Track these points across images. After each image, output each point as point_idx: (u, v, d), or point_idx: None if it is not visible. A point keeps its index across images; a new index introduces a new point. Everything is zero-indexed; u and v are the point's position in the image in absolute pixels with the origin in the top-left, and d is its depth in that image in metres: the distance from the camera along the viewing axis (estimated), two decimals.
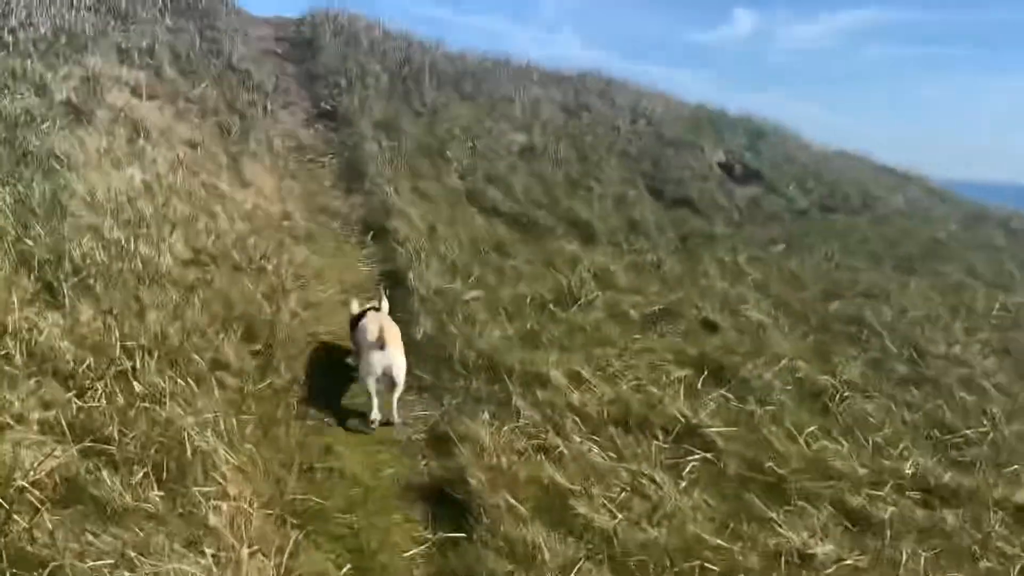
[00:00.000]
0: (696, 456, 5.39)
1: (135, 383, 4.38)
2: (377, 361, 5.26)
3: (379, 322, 5.49)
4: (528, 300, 7.67)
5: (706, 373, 6.80)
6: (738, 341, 7.60)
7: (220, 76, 10.56)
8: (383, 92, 12.18)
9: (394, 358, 5.32)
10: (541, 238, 9.54)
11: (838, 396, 6.79)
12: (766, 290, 9.48)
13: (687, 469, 5.23)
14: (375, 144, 10.32)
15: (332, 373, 5.72)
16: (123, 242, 5.66)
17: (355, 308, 6.06)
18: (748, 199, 13.06)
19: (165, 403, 4.28)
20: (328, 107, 11.40)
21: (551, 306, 7.65)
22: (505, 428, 5.24)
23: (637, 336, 7.42)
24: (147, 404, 4.32)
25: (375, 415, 5.21)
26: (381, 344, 5.27)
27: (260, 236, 7.17)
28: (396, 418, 5.33)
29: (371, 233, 8.53)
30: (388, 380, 5.30)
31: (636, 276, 9.00)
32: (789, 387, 6.82)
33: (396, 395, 5.36)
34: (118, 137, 7.76)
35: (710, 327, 7.90)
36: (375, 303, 6.08)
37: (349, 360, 5.88)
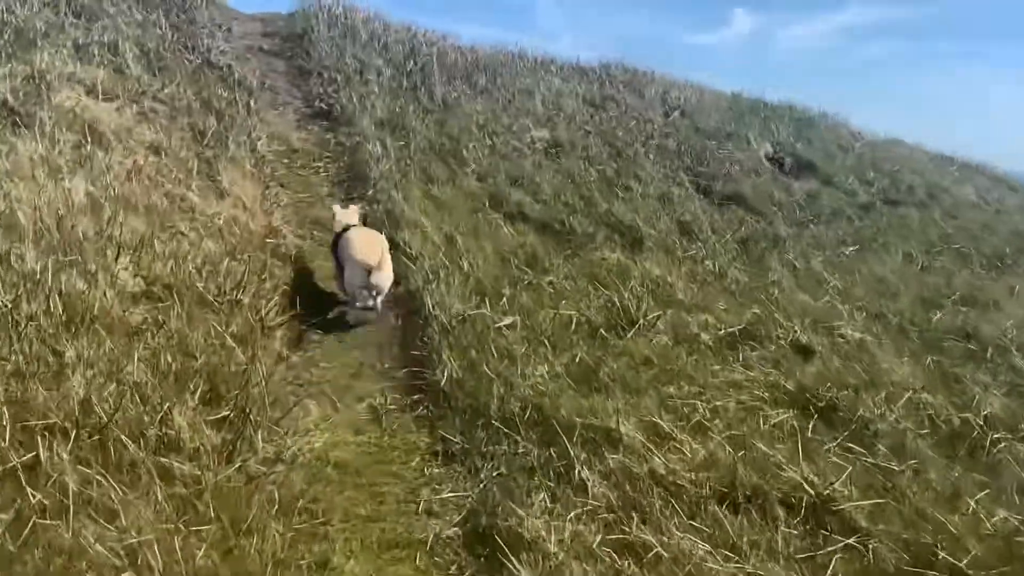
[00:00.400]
0: (837, 544, 3.93)
1: (29, 490, 2.96)
2: (361, 284, 5.74)
3: (364, 240, 5.95)
4: (574, 325, 6.24)
5: (814, 414, 5.36)
6: (842, 368, 6.13)
7: (195, 74, 9.20)
8: (386, 88, 10.80)
9: (381, 280, 5.83)
10: (580, 247, 8.09)
11: (987, 441, 5.33)
12: (852, 300, 8.01)
13: (830, 565, 3.78)
14: (379, 145, 8.92)
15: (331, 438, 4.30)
16: (39, 275, 4.25)
17: (338, 212, 6.48)
18: (805, 194, 11.59)
19: (73, 517, 2.87)
20: (323, 106, 10.03)
21: (603, 331, 6.21)
22: (571, 516, 3.81)
23: (716, 367, 5.98)
24: (48, 519, 2.92)
25: (354, 314, 5.82)
26: (368, 268, 5.70)
27: (237, 258, 5.76)
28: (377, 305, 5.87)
29: None
30: (374, 295, 5.83)
31: (698, 289, 7.54)
32: (925, 430, 5.36)
33: (381, 298, 5.89)
34: (62, 142, 6.39)
35: (803, 351, 6.43)
36: (359, 211, 6.62)
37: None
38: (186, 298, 4.82)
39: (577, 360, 5.67)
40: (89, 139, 6.66)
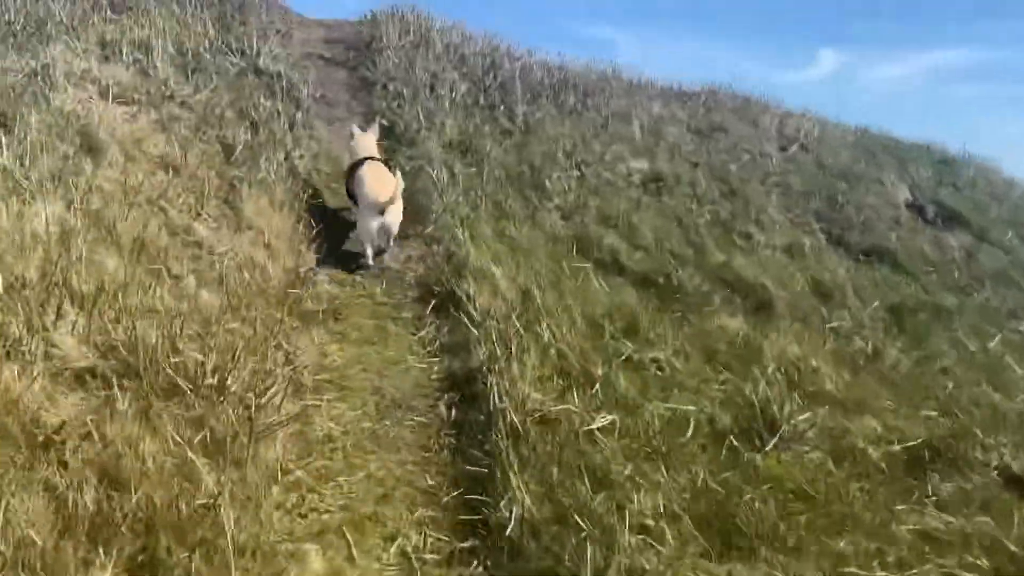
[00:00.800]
0: None
1: None
2: (375, 225, 5.86)
3: (377, 178, 6.05)
4: (692, 427, 4.61)
5: None
6: None
7: (237, 79, 7.99)
8: (459, 105, 9.43)
9: (392, 221, 5.94)
10: (691, 309, 6.47)
11: None
12: None
13: None
14: (444, 171, 7.51)
15: None
16: None
17: (357, 134, 6.69)
18: (962, 251, 9.68)
19: None
20: (385, 122, 8.68)
21: (733, 439, 4.57)
22: None
23: (898, 505, 4.26)
24: None
25: (370, 262, 5.90)
26: (380, 208, 5.82)
27: (241, 313, 4.35)
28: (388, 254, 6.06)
29: (432, 303, 5.65)
30: (385, 237, 6.01)
31: (852, 378, 5.81)
32: None
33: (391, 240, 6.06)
34: (48, 153, 5.15)
35: (1019, 485, 4.64)
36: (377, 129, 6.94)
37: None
38: (146, 381, 3.40)
39: (700, 484, 4.06)
40: (86, 149, 5.42)
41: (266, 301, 4.62)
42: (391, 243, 6.09)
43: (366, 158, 6.35)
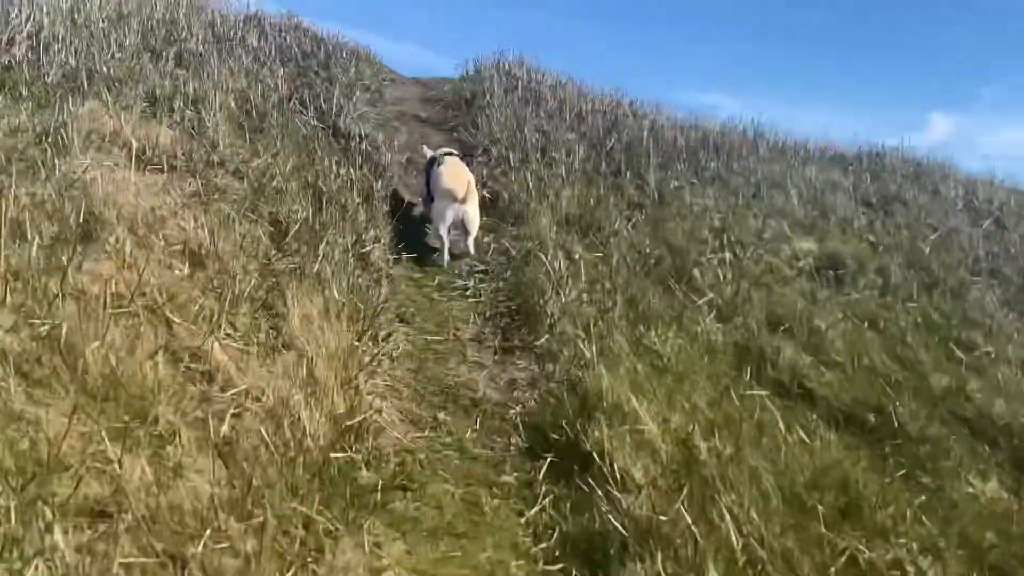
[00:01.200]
0: None
1: None
2: (451, 213, 5.92)
3: (454, 172, 6.12)
4: None
5: None
6: None
7: (308, 142, 6.63)
8: (578, 172, 7.83)
9: (468, 212, 5.99)
10: (920, 464, 4.50)
11: None
12: None
13: None
14: (562, 256, 5.87)
15: None
16: None
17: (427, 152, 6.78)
18: None
19: None
20: (488, 194, 7.16)
21: None
22: None
23: None
24: None
25: (445, 258, 5.88)
26: (455, 197, 5.89)
27: (247, 509, 2.73)
28: (471, 250, 6.06)
29: (548, 459, 3.91)
30: (461, 228, 6.05)
31: None
32: None
33: (471, 239, 6.07)
34: (25, 240, 3.76)
35: None
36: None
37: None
38: None
39: None
40: (78, 232, 4.03)
41: (293, 480, 2.97)
42: (470, 244, 6.07)
43: (445, 153, 6.53)
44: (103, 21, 8.03)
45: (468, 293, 5.52)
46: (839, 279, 7.04)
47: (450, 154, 6.51)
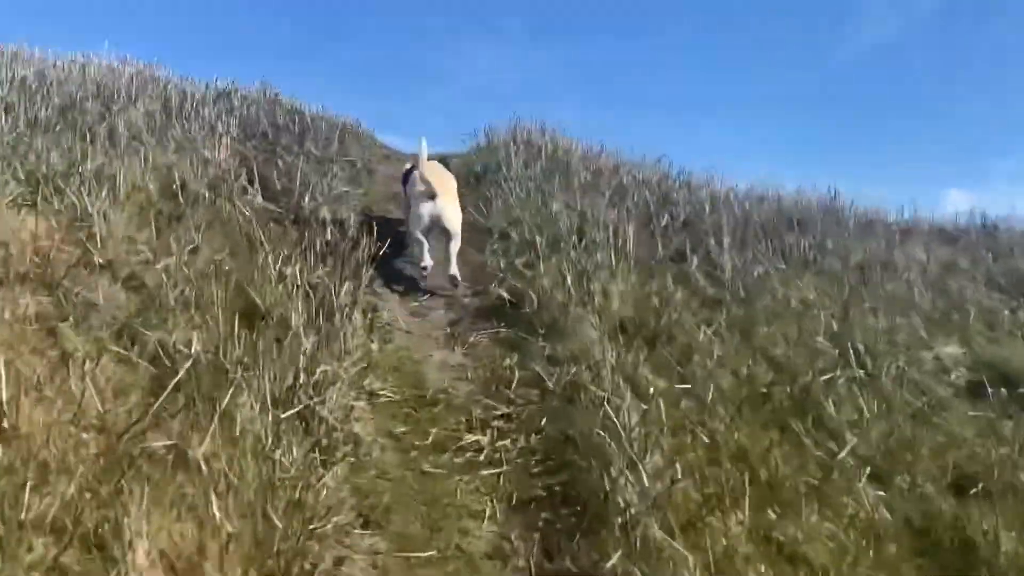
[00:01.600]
0: None
1: None
2: (426, 211, 5.37)
3: (431, 171, 5.64)
4: None
5: None
6: None
7: (247, 229, 4.77)
8: (631, 258, 5.90)
9: (444, 209, 5.43)
10: None
11: None
12: None
13: None
14: (623, 386, 3.87)
15: None
16: None
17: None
18: None
19: None
20: (505, 295, 5.21)
21: None
22: None
23: None
24: None
25: (427, 261, 5.25)
26: (431, 194, 5.40)
27: None
28: (454, 270, 5.29)
29: None
30: (439, 230, 5.42)
31: None
32: None
33: (453, 248, 5.41)
34: None
35: None
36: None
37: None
38: None
39: None
40: None
41: None
42: (453, 265, 5.34)
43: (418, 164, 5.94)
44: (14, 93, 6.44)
45: (482, 458, 3.48)
46: (1014, 398, 4.96)
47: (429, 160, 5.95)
